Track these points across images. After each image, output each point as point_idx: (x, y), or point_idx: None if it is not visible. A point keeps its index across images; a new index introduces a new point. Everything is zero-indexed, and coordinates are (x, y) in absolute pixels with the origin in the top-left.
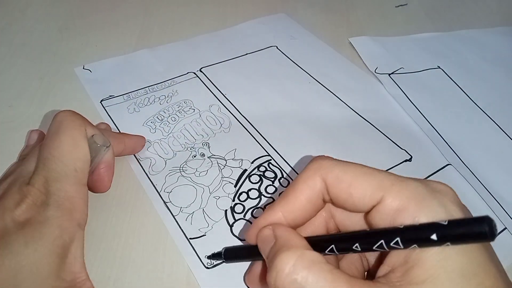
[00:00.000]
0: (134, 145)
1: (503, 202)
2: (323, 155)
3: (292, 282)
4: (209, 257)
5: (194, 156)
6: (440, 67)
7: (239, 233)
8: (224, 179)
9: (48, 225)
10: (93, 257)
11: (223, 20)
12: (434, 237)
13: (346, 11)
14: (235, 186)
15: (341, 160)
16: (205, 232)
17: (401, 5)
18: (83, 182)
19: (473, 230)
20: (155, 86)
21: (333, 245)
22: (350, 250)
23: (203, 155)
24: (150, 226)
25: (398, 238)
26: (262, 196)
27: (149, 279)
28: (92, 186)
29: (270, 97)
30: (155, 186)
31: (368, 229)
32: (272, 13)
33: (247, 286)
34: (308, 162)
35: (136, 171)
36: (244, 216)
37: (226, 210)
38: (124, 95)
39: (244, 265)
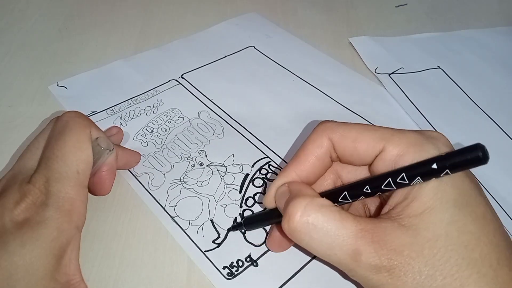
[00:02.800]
0: (128, 159)
1: (503, 202)
2: (327, 120)
3: (304, 223)
4: (229, 230)
5: (193, 166)
6: (440, 67)
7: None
8: (227, 186)
9: (46, 226)
10: (93, 257)
11: (223, 19)
12: (434, 166)
13: (346, 11)
14: (240, 192)
15: (343, 122)
16: (219, 243)
17: (401, 5)
18: (84, 184)
19: (468, 156)
20: (138, 97)
21: (345, 192)
22: (362, 194)
23: (201, 164)
24: (150, 226)
25: (403, 174)
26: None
27: (149, 279)
28: (93, 188)
29: (257, 98)
30: (159, 201)
31: (374, 176)
32: (244, 13)
33: (268, 249)
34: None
35: (135, 188)
36: None
37: (235, 218)
38: (107, 110)
39: (265, 274)
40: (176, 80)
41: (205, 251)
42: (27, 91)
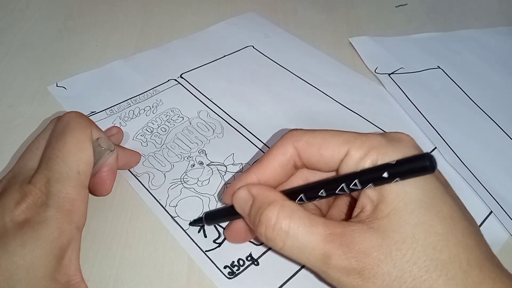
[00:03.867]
0: (128, 159)
1: (503, 202)
2: (296, 128)
3: (278, 230)
4: (190, 224)
5: (193, 166)
6: (440, 67)
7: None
8: (227, 185)
9: (47, 226)
10: (93, 257)
11: (223, 19)
12: (385, 175)
13: (346, 11)
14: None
15: (310, 129)
16: (220, 242)
17: (401, 5)
18: (84, 184)
19: (416, 166)
20: (138, 97)
21: (302, 194)
22: (317, 196)
23: (201, 163)
24: (151, 226)
25: (356, 180)
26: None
27: (149, 279)
28: (93, 189)
29: (257, 97)
30: (159, 201)
31: (331, 177)
32: (244, 13)
33: (228, 240)
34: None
35: (135, 187)
36: None
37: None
38: (106, 110)
39: (266, 273)
40: (176, 80)
41: (206, 250)
42: (27, 91)
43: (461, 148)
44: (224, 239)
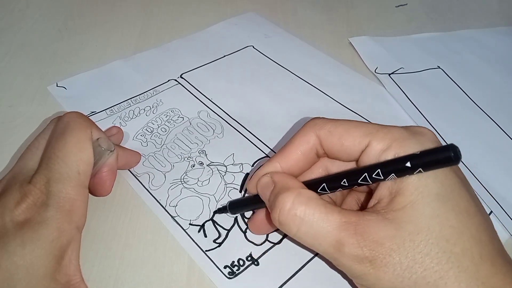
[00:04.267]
0: (128, 159)
1: (503, 202)
2: (318, 116)
3: (293, 216)
4: (215, 212)
5: (193, 166)
6: (440, 67)
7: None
8: (228, 185)
9: (47, 226)
10: (93, 257)
11: (223, 19)
12: (408, 164)
13: (346, 11)
14: (240, 191)
15: (332, 118)
16: (220, 242)
17: (401, 5)
18: (84, 184)
19: (440, 156)
20: (138, 97)
21: (324, 184)
22: (339, 186)
23: (201, 163)
24: (151, 226)
25: (378, 170)
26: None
27: (149, 279)
28: (93, 189)
29: (257, 97)
30: (159, 201)
31: (353, 168)
32: (244, 13)
33: (251, 231)
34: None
35: (135, 187)
36: None
37: (236, 217)
38: (106, 110)
39: (266, 274)
40: (176, 80)
41: (206, 250)
42: (27, 91)
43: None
44: (224, 239)
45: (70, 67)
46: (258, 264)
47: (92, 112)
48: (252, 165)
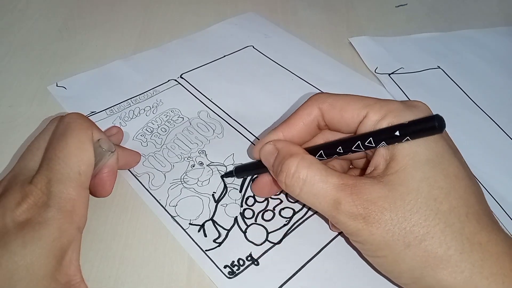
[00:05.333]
0: (128, 159)
1: (503, 202)
2: (321, 92)
3: (297, 178)
4: (222, 176)
5: (193, 166)
6: (440, 67)
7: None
8: (227, 185)
9: (48, 226)
10: (93, 257)
11: (223, 19)
12: (397, 133)
13: (346, 11)
14: (240, 191)
15: (334, 93)
16: (220, 242)
17: (401, 5)
18: (85, 185)
19: (426, 126)
20: (138, 97)
21: (321, 151)
22: (335, 153)
23: (201, 163)
24: (151, 226)
25: (371, 138)
26: (269, 198)
27: (149, 279)
28: (94, 190)
29: (257, 97)
30: (159, 201)
31: (348, 136)
32: (243, 13)
33: (255, 194)
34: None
35: (135, 187)
36: (255, 220)
37: (236, 217)
38: (106, 110)
39: (265, 273)
40: (176, 80)
41: (206, 250)
42: (27, 91)
43: (460, 148)
44: (224, 239)
45: (70, 67)
46: (258, 264)
47: (92, 112)
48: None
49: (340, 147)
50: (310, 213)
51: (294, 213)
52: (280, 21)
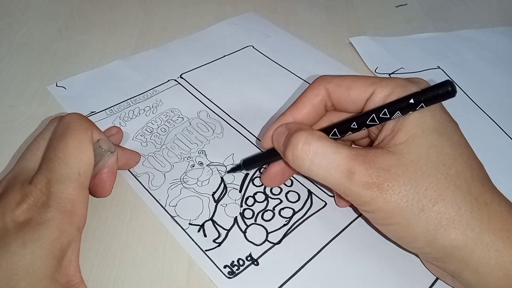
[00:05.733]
0: (127, 159)
1: None
2: (326, 74)
3: (306, 150)
4: (229, 172)
5: (193, 166)
6: (440, 67)
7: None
8: (227, 185)
9: (48, 226)
10: (93, 257)
11: (223, 19)
12: (411, 101)
13: (346, 11)
14: (240, 191)
15: (339, 75)
16: (220, 242)
17: (401, 5)
18: (85, 185)
19: (440, 91)
20: (137, 97)
21: (335, 129)
22: (349, 129)
23: (201, 163)
24: (150, 226)
25: (385, 109)
26: (269, 198)
27: (149, 279)
28: (94, 190)
29: (257, 97)
30: (159, 201)
31: (361, 113)
32: (243, 13)
33: (264, 184)
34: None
35: (135, 188)
36: (255, 220)
37: (236, 217)
38: (106, 110)
39: (265, 273)
40: (175, 80)
41: (206, 250)
42: (27, 91)
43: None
44: (224, 239)
45: (70, 67)
46: (258, 264)
47: (92, 112)
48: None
49: (354, 122)
50: (310, 213)
51: (294, 213)
52: (280, 21)
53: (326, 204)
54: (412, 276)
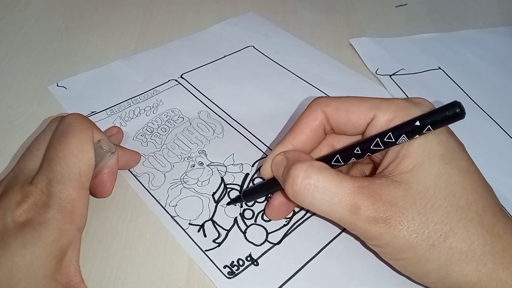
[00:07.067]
0: (128, 159)
1: (504, 202)
2: (321, 96)
3: (306, 185)
4: (228, 203)
5: (193, 166)
6: (441, 67)
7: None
8: (227, 186)
9: (48, 226)
10: (93, 257)
11: (223, 19)
12: (417, 123)
13: (346, 11)
14: (240, 191)
15: (335, 96)
16: (220, 242)
17: (401, 5)
18: (85, 186)
19: (447, 113)
20: (138, 97)
21: (338, 155)
22: (353, 155)
23: (201, 163)
24: (150, 225)
25: (390, 133)
26: (269, 199)
27: (149, 279)
28: (94, 190)
29: (257, 97)
30: (159, 201)
31: (364, 138)
32: (244, 13)
33: (268, 218)
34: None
35: (135, 187)
36: (255, 221)
37: (236, 217)
38: (107, 110)
39: (265, 274)
40: (176, 80)
41: (206, 250)
42: (27, 91)
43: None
44: (224, 239)
45: (70, 67)
46: (257, 264)
47: (92, 112)
48: (252, 165)
49: (357, 147)
50: (310, 213)
51: (294, 213)
52: (280, 21)
53: None
54: None
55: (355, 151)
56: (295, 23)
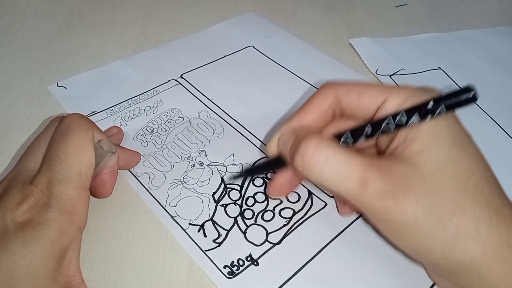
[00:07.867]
0: (128, 159)
1: None
2: (332, 80)
3: (317, 157)
4: (230, 178)
5: (193, 166)
6: (441, 67)
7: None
8: (227, 186)
9: (48, 227)
10: (93, 257)
11: (223, 19)
12: (431, 105)
13: (346, 11)
14: (240, 191)
15: (347, 81)
16: (220, 242)
17: (401, 5)
18: (86, 186)
19: (461, 97)
20: (138, 97)
21: (348, 132)
22: (362, 134)
23: (201, 163)
24: (151, 225)
25: (403, 111)
26: (269, 199)
27: (149, 279)
28: (94, 191)
29: (257, 97)
30: (159, 201)
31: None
32: (244, 13)
33: (270, 195)
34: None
35: (135, 188)
36: (255, 221)
37: (236, 217)
38: (107, 110)
39: (265, 274)
40: (176, 80)
41: (206, 250)
42: (27, 91)
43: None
44: (224, 239)
45: (70, 67)
46: (257, 264)
47: (92, 112)
48: (252, 165)
49: (369, 126)
50: (310, 213)
51: (294, 213)
52: (280, 21)
53: (326, 204)
54: (412, 276)
55: (365, 131)
56: (295, 23)
